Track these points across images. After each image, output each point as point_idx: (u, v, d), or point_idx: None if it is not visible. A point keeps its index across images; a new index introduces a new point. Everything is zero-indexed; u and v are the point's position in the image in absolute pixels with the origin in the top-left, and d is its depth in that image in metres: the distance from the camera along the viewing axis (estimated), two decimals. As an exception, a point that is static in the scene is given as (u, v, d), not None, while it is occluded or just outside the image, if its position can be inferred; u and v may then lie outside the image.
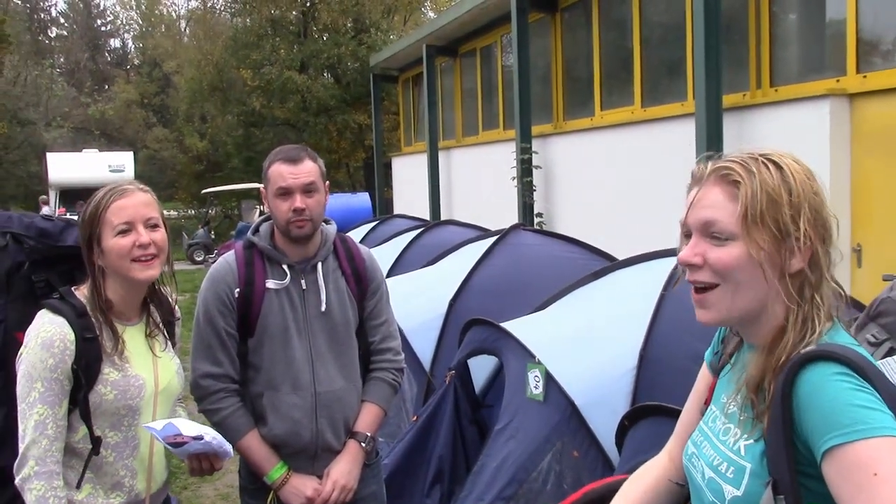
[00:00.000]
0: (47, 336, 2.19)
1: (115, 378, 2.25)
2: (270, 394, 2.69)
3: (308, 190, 2.64)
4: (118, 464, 2.29)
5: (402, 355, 2.97)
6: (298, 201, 2.61)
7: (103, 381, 2.24)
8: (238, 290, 2.67)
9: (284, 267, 2.71)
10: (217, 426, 2.67)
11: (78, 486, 2.25)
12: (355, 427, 2.78)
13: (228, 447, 2.39)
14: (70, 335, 2.20)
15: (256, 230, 2.79)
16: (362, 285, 2.83)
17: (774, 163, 1.42)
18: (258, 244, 2.72)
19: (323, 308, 2.72)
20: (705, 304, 1.46)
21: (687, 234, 1.49)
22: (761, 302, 1.43)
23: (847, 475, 1.23)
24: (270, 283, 2.69)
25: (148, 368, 2.36)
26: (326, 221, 2.81)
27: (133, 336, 2.36)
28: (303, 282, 2.72)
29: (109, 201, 2.28)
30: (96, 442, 2.24)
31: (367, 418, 2.80)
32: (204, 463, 2.40)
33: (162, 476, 2.45)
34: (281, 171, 2.63)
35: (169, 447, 2.26)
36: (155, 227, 2.31)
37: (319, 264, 2.74)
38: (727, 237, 1.42)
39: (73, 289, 2.32)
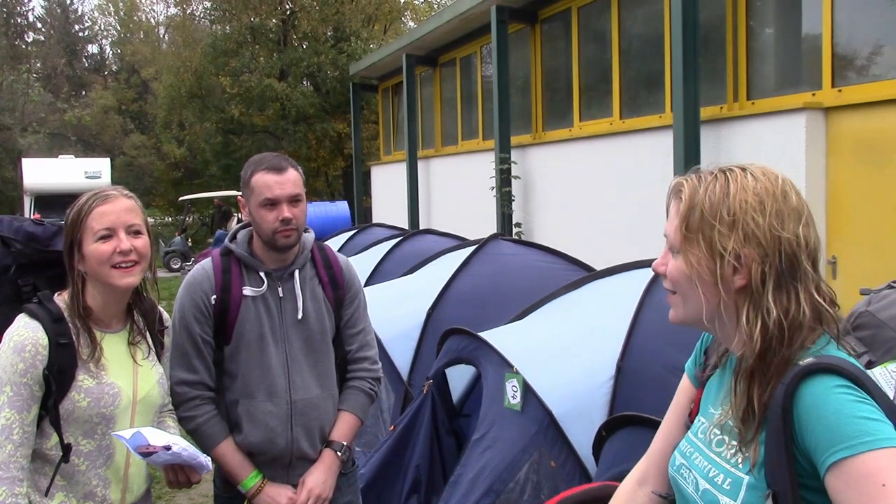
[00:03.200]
0: (20, 340, 2.17)
1: (88, 385, 2.22)
2: (246, 401, 2.67)
3: (294, 200, 2.64)
4: (90, 472, 2.26)
5: (380, 364, 2.96)
6: (286, 211, 2.61)
7: (77, 387, 2.21)
8: (215, 296, 2.65)
9: (261, 274, 2.69)
10: (192, 433, 2.65)
11: (47, 494, 2.21)
12: (331, 436, 2.76)
13: (204, 459, 2.34)
14: (43, 340, 2.18)
15: (234, 237, 2.78)
16: (339, 293, 2.82)
17: (728, 178, 1.44)
18: (235, 251, 2.71)
19: (299, 316, 2.70)
20: (671, 304, 1.57)
21: None
22: (711, 312, 1.47)
23: (855, 486, 1.24)
24: (247, 291, 2.67)
25: (127, 377, 2.33)
26: (305, 230, 2.80)
27: (113, 343, 2.33)
28: (280, 289, 2.70)
29: (92, 206, 2.26)
30: (66, 449, 2.21)
31: (343, 427, 2.79)
32: (180, 475, 2.36)
33: (140, 487, 2.41)
34: (267, 182, 2.62)
35: (139, 456, 2.23)
36: (137, 233, 2.30)
37: (297, 272, 2.73)
38: (675, 250, 1.50)
39: (56, 294, 2.30)
